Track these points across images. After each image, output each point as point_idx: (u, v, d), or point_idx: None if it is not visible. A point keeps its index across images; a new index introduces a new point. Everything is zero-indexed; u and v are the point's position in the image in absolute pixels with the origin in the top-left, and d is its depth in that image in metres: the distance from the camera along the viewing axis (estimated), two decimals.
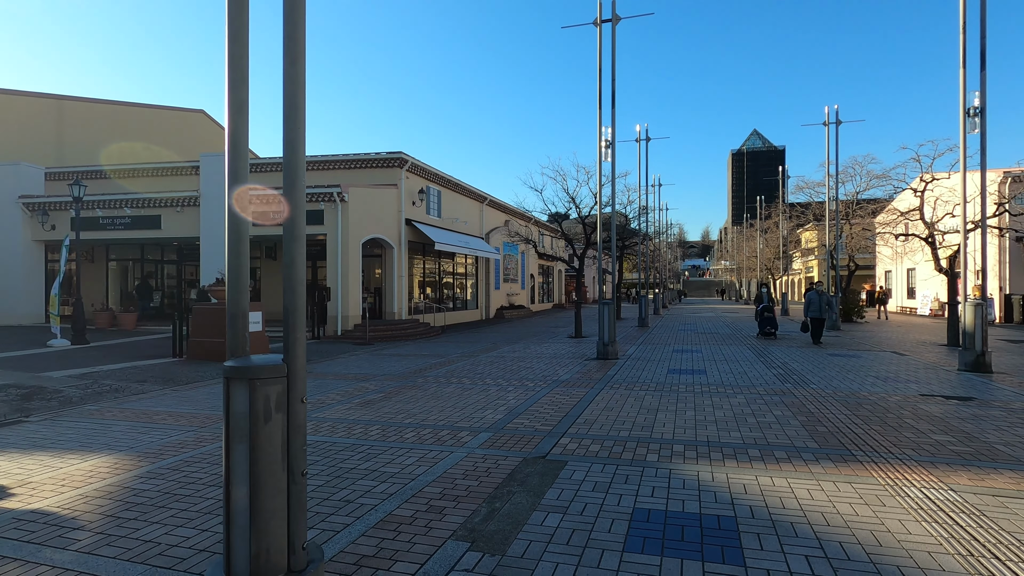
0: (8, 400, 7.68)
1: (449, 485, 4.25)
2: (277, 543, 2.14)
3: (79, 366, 10.64)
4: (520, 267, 32.94)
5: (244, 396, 2.11)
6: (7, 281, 18.25)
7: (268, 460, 2.12)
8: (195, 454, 5.17)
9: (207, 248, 17.05)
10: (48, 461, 5.01)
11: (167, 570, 3.02)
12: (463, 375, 9.67)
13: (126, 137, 28.48)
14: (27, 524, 3.65)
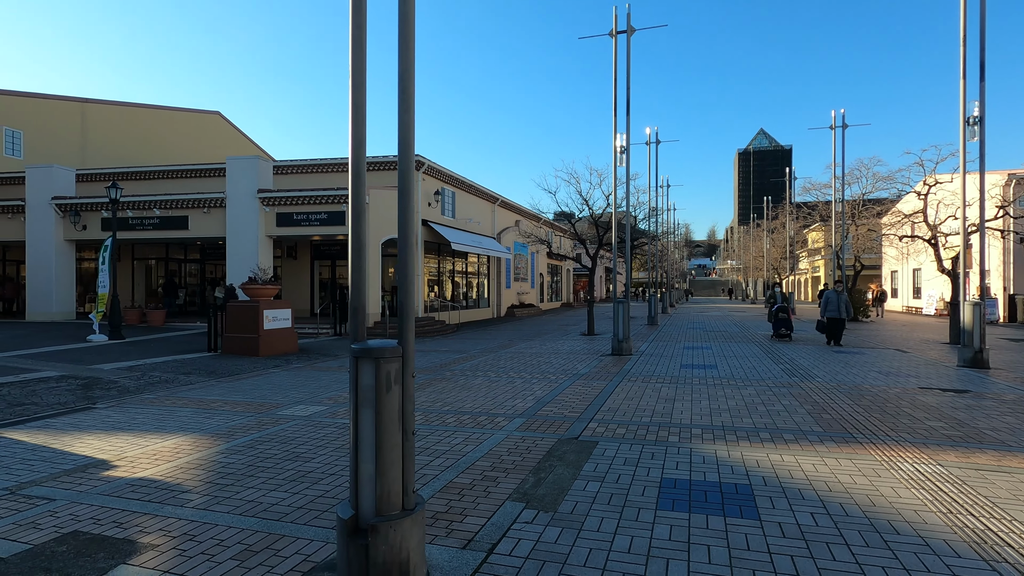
0: (72, 389, 8.33)
1: (496, 460, 4.84)
2: (395, 487, 2.72)
3: (123, 360, 11.29)
4: (530, 266, 33.52)
5: (371, 372, 2.69)
6: (42, 279, 18.98)
7: (389, 421, 2.69)
8: (261, 435, 5.78)
9: (233, 247, 17.70)
10: (133, 440, 5.62)
11: (274, 521, 3.63)
12: (487, 369, 10.26)
13: (146, 138, 29.24)
14: (141, 488, 4.26)
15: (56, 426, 6.21)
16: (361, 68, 2.90)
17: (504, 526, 3.50)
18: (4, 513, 3.79)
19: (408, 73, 2.82)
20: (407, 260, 2.88)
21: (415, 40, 2.86)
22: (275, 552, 3.20)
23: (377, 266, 17.80)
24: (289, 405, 7.22)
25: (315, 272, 21.42)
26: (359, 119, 2.89)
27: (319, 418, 6.49)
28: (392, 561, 2.65)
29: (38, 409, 7.04)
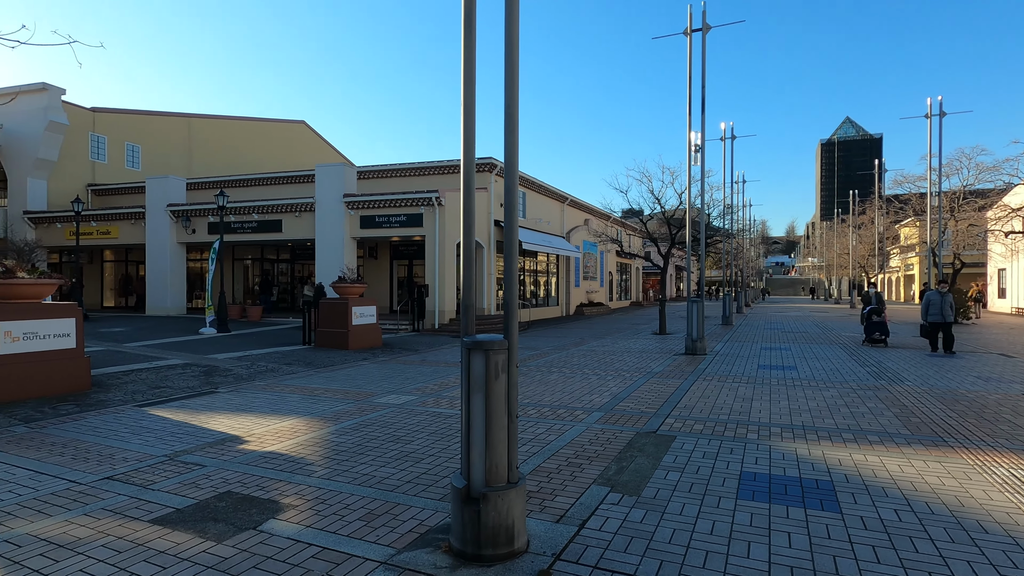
0: (196, 375, 9.46)
1: (579, 449, 5.18)
2: (502, 461, 3.12)
3: (232, 351, 12.56)
4: (599, 265, 33.48)
5: (481, 361, 3.12)
6: (159, 278, 21.27)
7: (497, 404, 3.10)
8: (364, 420, 6.42)
9: (321, 248, 19.06)
10: (256, 420, 6.42)
11: (389, 491, 4.15)
12: (561, 365, 10.60)
13: (241, 148, 31.80)
14: (272, 460, 4.94)
15: (190, 406, 7.17)
16: (472, 87, 3.32)
17: (592, 506, 3.83)
18: (170, 475, 4.56)
19: (512, 99, 3.21)
20: (511, 264, 3.28)
21: (514, 56, 3.23)
22: (394, 516, 3.70)
23: (452, 265, 18.56)
24: (383, 394, 7.89)
25: (394, 271, 22.58)
26: (469, 138, 3.32)
27: (411, 406, 7.08)
28: (500, 525, 3.06)
29: (173, 392, 8.11)
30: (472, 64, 3.32)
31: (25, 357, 7.30)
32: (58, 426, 6.15)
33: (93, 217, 22.25)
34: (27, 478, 4.49)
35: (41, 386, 7.43)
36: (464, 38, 3.30)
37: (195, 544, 3.32)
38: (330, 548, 3.26)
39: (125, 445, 5.41)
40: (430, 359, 11.78)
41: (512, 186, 3.25)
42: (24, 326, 7.30)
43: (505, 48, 3.22)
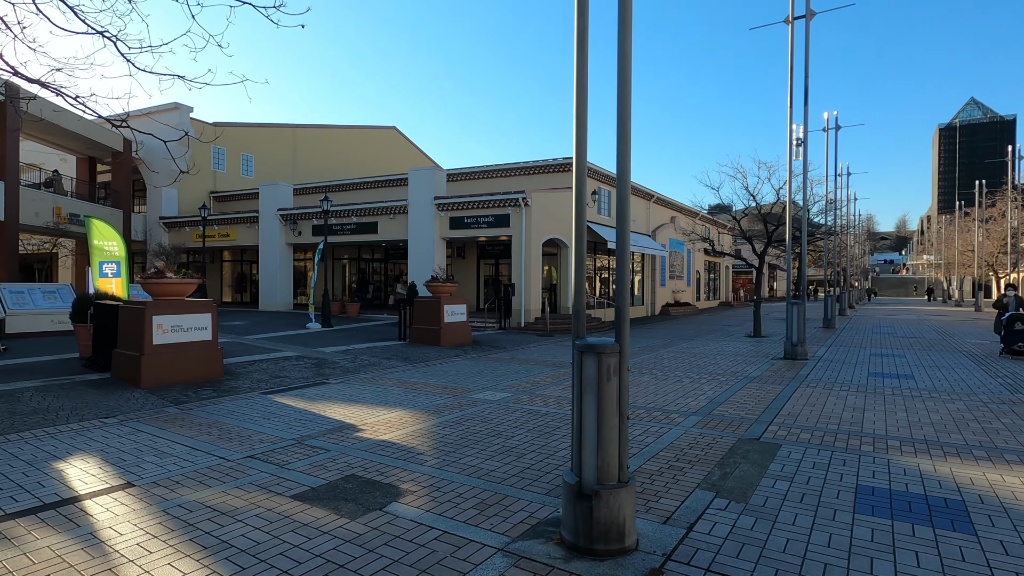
0: (308, 367, 10.31)
1: (679, 452, 5.16)
2: (613, 461, 3.24)
3: (336, 345, 13.52)
4: (686, 264, 32.43)
5: (594, 364, 3.24)
6: (270, 277, 23.28)
7: (609, 406, 3.22)
8: (463, 414, 6.74)
9: (413, 249, 19.99)
10: (366, 410, 6.94)
11: (496, 484, 4.38)
12: (652, 367, 10.47)
13: (339, 153, 33.93)
14: (386, 448, 5.35)
15: (307, 395, 7.86)
16: (584, 97, 3.45)
17: (698, 510, 3.84)
18: (301, 457, 5.07)
19: (625, 116, 3.30)
20: (623, 270, 3.37)
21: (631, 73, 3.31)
22: (504, 507, 3.92)
23: (538, 265, 18.79)
24: (478, 390, 8.22)
25: (480, 270, 23.20)
26: (582, 149, 3.45)
27: (507, 403, 7.34)
28: (611, 522, 3.17)
29: (291, 381, 8.92)
30: (584, 75, 3.44)
31: (173, 347, 8.34)
32: (202, 408, 6.99)
33: (215, 221, 24.70)
34: (186, 453, 5.18)
35: (185, 373, 8.45)
36: (577, 49, 3.44)
37: (331, 520, 3.71)
38: (449, 532, 3.52)
39: (259, 428, 6.06)
40: (519, 357, 12.05)
41: (624, 195, 3.34)
42: (172, 320, 8.34)
43: (618, 61, 3.31)
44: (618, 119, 3.32)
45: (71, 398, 7.37)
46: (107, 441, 5.55)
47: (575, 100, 3.46)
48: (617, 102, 3.31)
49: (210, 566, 3.11)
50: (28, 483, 4.38)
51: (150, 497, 4.10)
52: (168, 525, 3.63)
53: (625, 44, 3.32)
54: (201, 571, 3.05)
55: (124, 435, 5.77)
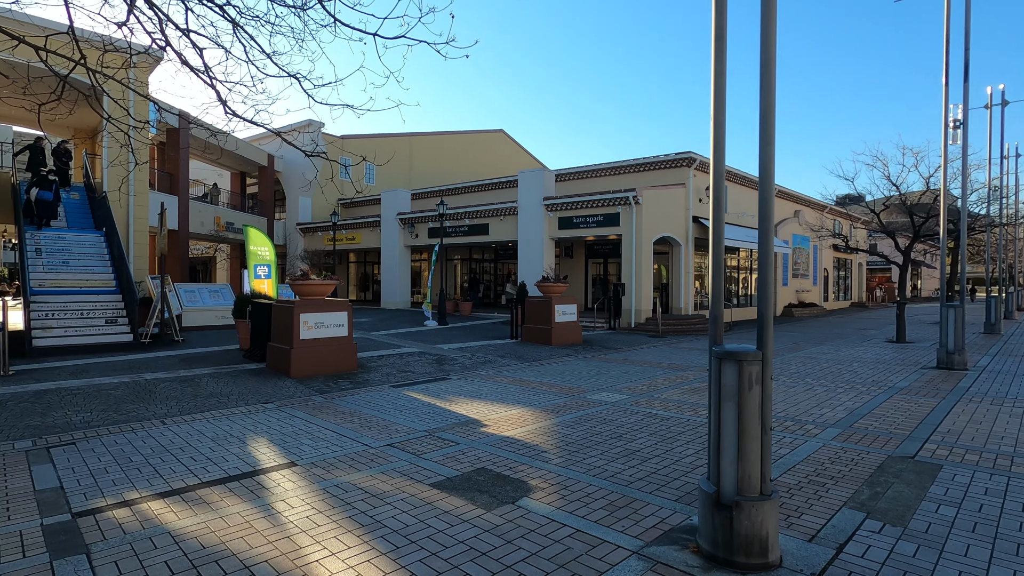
0: (430, 363, 10.94)
1: (819, 466, 4.83)
2: (755, 472, 3.14)
3: (453, 342, 14.18)
4: (812, 260, 29.89)
5: (734, 372, 3.16)
6: (391, 277, 24.97)
7: (750, 415, 3.13)
8: (582, 415, 6.80)
9: (523, 249, 20.40)
10: (488, 406, 7.24)
11: (623, 486, 4.40)
12: (777, 373, 9.82)
13: (451, 159, 35.43)
14: (511, 444, 5.56)
15: (432, 390, 8.36)
16: (722, 93, 3.36)
17: (847, 530, 3.59)
18: (434, 448, 5.43)
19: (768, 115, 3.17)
20: (766, 268, 3.25)
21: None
22: (634, 510, 3.93)
23: (649, 264, 18.34)
24: (594, 391, 8.24)
25: (588, 269, 23.11)
26: (719, 147, 3.36)
27: (625, 405, 7.29)
28: (753, 535, 3.07)
29: (416, 376, 9.52)
30: (722, 71, 3.35)
31: (316, 342, 9.27)
32: (342, 398, 7.71)
33: (343, 226, 26.94)
34: (334, 438, 5.76)
35: (325, 365, 9.35)
36: (715, 45, 3.36)
37: (469, 509, 3.95)
38: (582, 531, 3.61)
39: (393, 419, 6.57)
40: (632, 358, 11.87)
41: (768, 195, 3.21)
42: (315, 317, 9.27)
43: (761, 53, 3.19)
44: (761, 113, 3.20)
45: (237, 384, 8.46)
46: (269, 424, 6.32)
47: (712, 97, 3.38)
48: (760, 95, 3.19)
49: (369, 542, 3.46)
50: (215, 456, 5.13)
51: (311, 476, 4.63)
52: (329, 502, 4.07)
53: (769, 34, 3.19)
54: (362, 545, 3.41)
55: (282, 419, 6.53)
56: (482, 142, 37.76)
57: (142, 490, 4.31)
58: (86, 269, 13.43)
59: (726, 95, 3.37)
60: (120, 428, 6.08)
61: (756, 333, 3.22)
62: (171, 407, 7.06)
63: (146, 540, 3.48)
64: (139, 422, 6.35)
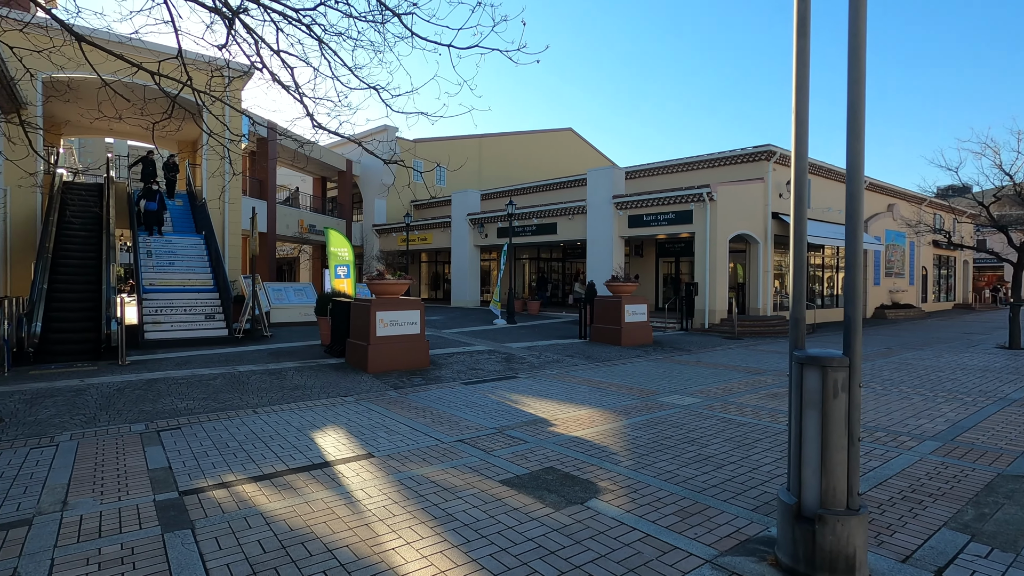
0: (499, 361, 11.09)
1: (914, 482, 4.47)
2: (840, 485, 2.97)
3: (521, 341, 14.29)
4: (907, 258, 27.56)
5: (817, 378, 3.00)
6: (461, 276, 25.54)
7: (835, 425, 2.96)
8: (652, 417, 6.67)
9: (592, 248, 20.21)
10: (556, 406, 7.25)
11: (696, 492, 4.28)
12: (868, 379, 9.16)
13: (519, 158, 35.66)
14: (579, 444, 5.55)
15: (501, 388, 8.48)
16: (804, 82, 3.20)
17: (947, 553, 3.31)
18: (503, 445, 5.52)
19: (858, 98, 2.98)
20: (854, 268, 3.06)
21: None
22: (707, 518, 3.82)
23: (724, 263, 17.63)
24: (665, 393, 8.05)
25: (659, 269, 22.54)
26: (802, 137, 3.20)
27: (697, 409, 7.07)
28: (838, 552, 2.91)
29: (485, 374, 9.69)
30: (805, 61, 3.19)
31: (391, 339, 9.66)
32: (415, 394, 7.99)
33: (415, 227, 27.84)
34: (408, 432, 5.99)
35: (399, 362, 9.72)
36: (797, 35, 3.20)
37: (538, 508, 3.99)
38: (652, 535, 3.55)
39: (464, 415, 6.73)
40: (705, 360, 11.47)
41: (856, 191, 3.01)
42: (390, 315, 9.66)
43: (849, 39, 3.00)
44: (849, 104, 3.01)
45: (319, 378, 8.98)
46: (348, 416, 6.66)
47: (794, 86, 3.22)
48: (848, 84, 3.00)
49: (441, 534, 3.58)
50: (300, 445, 5.49)
51: (387, 467, 4.85)
52: (404, 493, 4.25)
53: (859, 16, 2.99)
54: (435, 537, 3.53)
55: (360, 412, 6.87)
56: (550, 141, 37.71)
57: (237, 473, 4.69)
58: (188, 269, 14.71)
59: (809, 83, 3.20)
60: (218, 416, 6.63)
61: (843, 336, 3.04)
62: (261, 398, 7.60)
63: (241, 520, 3.79)
64: (234, 411, 6.89)
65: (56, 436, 5.76)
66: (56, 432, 5.91)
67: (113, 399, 7.33)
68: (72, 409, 6.81)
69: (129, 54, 4.29)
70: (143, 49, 5.50)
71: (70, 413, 6.64)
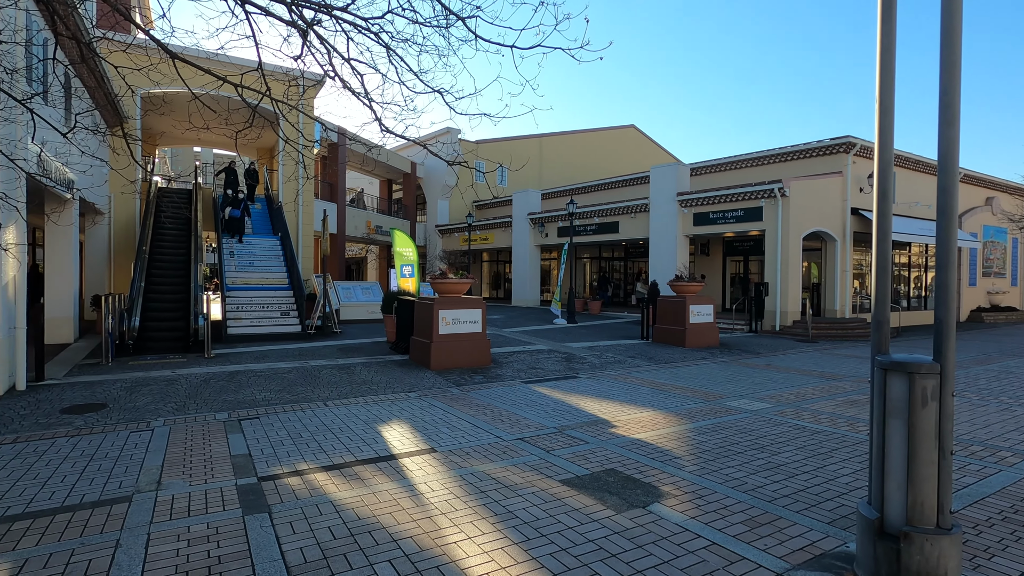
0: (559, 361, 11.05)
1: (1017, 502, 4.08)
2: (928, 501, 2.75)
3: (582, 340, 14.18)
4: (1009, 256, 25.10)
5: (902, 385, 2.80)
6: (521, 275, 25.67)
7: (923, 437, 2.74)
8: (719, 422, 6.43)
9: (655, 247, 19.75)
10: (617, 407, 7.14)
11: (766, 502, 4.09)
12: (962, 388, 8.42)
13: (580, 157, 35.37)
14: (641, 447, 5.44)
15: (561, 387, 8.45)
16: (890, 71, 2.99)
17: None
18: (563, 445, 5.50)
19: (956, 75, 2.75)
20: (947, 268, 2.83)
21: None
22: (778, 528, 3.64)
23: (797, 261, 16.74)
24: (732, 397, 7.74)
25: (726, 268, 21.71)
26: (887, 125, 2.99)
27: (767, 415, 6.75)
28: (926, 574, 2.70)
29: (545, 373, 9.69)
30: (891, 43, 2.97)
31: (454, 337, 9.84)
32: (476, 391, 8.11)
33: (477, 227, 28.24)
34: (470, 429, 6.08)
35: (461, 359, 9.89)
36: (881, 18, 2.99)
37: (598, 509, 3.95)
38: (719, 544, 3.43)
39: (524, 414, 6.76)
40: (776, 364, 10.94)
41: (949, 185, 2.78)
42: (453, 314, 9.85)
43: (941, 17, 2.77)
44: (941, 90, 2.78)
45: (384, 373, 9.29)
46: (412, 411, 6.85)
47: (878, 72, 3.01)
48: (941, 69, 2.77)
49: (501, 530, 3.61)
50: (367, 437, 5.70)
51: (449, 463, 4.95)
52: (465, 489, 4.33)
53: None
54: (496, 533, 3.57)
55: (423, 408, 7.05)
56: (612, 139, 37.16)
57: (310, 462, 4.94)
58: (266, 269, 15.62)
59: (895, 68, 2.98)
60: (292, 407, 7.01)
61: (933, 341, 2.81)
62: (331, 391, 7.96)
63: (313, 507, 3.98)
64: (307, 403, 7.26)
65: (151, 421, 6.29)
66: (151, 418, 6.44)
67: (200, 389, 7.90)
68: (165, 397, 7.41)
69: (216, 68, 4.61)
70: (227, 63, 5.92)
71: (163, 401, 7.23)
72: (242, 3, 3.59)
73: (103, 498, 4.13)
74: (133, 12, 12.73)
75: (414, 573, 3.10)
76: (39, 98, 7.39)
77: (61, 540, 3.48)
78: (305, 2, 3.67)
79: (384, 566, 3.16)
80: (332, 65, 3.93)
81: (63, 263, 11.27)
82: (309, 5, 3.67)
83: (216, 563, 3.20)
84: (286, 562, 3.21)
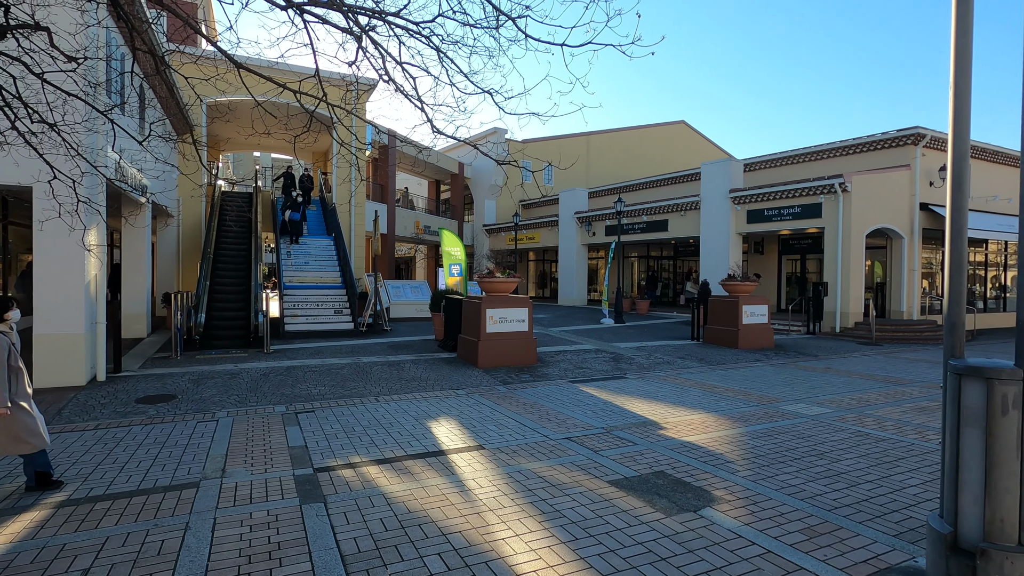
0: (607, 360, 10.94)
1: None
2: (1009, 517, 2.57)
3: (630, 340, 13.97)
4: None
5: (979, 391, 2.62)
6: (568, 274, 25.57)
7: (1002, 447, 2.57)
8: (775, 426, 6.21)
9: (705, 245, 19.23)
10: (666, 409, 7.00)
11: (825, 511, 3.92)
12: None
13: (628, 155, 34.86)
14: (692, 450, 5.32)
15: (609, 387, 8.36)
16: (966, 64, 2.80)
17: None
18: (611, 446, 5.45)
19: None
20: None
21: None
22: (839, 539, 3.49)
23: (859, 260, 15.91)
24: (788, 401, 7.45)
25: (781, 267, 20.89)
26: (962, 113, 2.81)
27: (826, 420, 6.46)
28: None
29: (592, 373, 9.61)
30: (968, 25, 2.79)
31: (500, 335, 9.91)
32: (523, 390, 8.13)
33: (523, 226, 28.30)
34: (516, 427, 6.11)
35: (507, 358, 9.95)
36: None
37: (647, 512, 3.89)
38: (774, 552, 3.31)
39: (571, 413, 6.74)
40: (836, 367, 10.44)
41: None
42: (500, 313, 9.92)
43: None
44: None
45: (433, 371, 9.46)
46: (460, 409, 6.95)
47: (953, 57, 2.83)
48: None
49: (548, 528, 3.62)
50: (416, 433, 5.82)
51: (496, 460, 4.99)
52: (512, 486, 4.35)
53: None
54: (543, 531, 3.58)
55: (471, 405, 7.13)
56: (661, 135, 36.43)
57: (362, 456, 5.09)
58: (321, 268, 16.20)
59: (971, 52, 2.80)
60: (345, 402, 7.24)
61: (1015, 345, 2.62)
62: (382, 387, 8.17)
63: (366, 498, 4.11)
64: (359, 398, 7.48)
65: (216, 413, 6.64)
66: (216, 409, 6.81)
67: (260, 383, 8.28)
68: (228, 390, 7.80)
69: (276, 76, 4.83)
70: (287, 71, 6.21)
71: (226, 393, 7.62)
72: (301, 12, 3.75)
73: (174, 483, 4.40)
74: (200, 25, 13.46)
75: (463, 567, 3.14)
76: (117, 109, 7.95)
77: (137, 520, 3.73)
78: (360, 9, 3.80)
79: (434, 559, 3.23)
80: (385, 69, 4.04)
81: (137, 263, 12.06)
82: (364, 11, 3.79)
83: (276, 548, 3.36)
84: (340, 551, 3.33)
